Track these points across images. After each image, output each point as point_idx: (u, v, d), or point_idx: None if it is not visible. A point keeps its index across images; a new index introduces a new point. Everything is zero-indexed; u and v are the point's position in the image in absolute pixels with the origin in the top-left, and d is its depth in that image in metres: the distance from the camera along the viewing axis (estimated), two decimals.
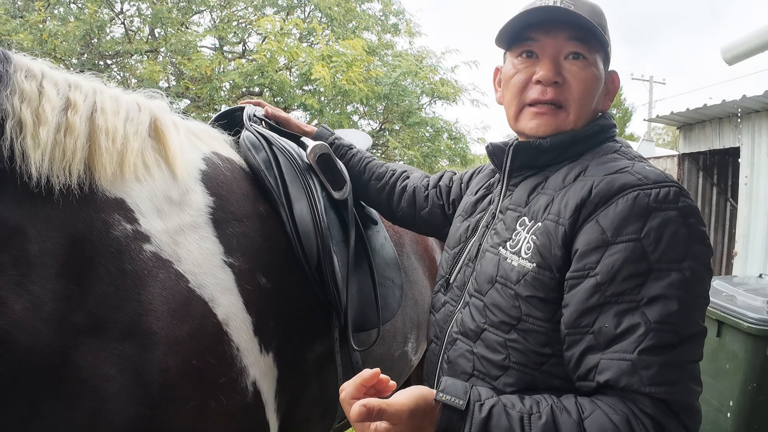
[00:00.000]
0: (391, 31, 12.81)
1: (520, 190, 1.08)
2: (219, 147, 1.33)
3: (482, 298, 1.04)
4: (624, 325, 0.85)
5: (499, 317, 0.99)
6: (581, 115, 1.04)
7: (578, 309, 0.88)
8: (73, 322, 0.90)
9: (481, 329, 1.02)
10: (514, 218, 1.05)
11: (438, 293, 1.22)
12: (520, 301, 0.97)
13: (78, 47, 9.74)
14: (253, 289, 1.14)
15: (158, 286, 0.98)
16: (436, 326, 1.18)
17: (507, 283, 0.99)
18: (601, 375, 0.86)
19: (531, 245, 0.97)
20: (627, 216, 0.88)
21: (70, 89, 1.01)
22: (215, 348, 1.04)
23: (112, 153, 1.01)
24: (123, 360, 0.92)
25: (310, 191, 1.31)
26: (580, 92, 1.02)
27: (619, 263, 0.86)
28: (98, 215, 0.97)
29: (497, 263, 1.03)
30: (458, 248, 1.20)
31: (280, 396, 1.21)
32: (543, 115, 1.04)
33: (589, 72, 1.03)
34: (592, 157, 1.02)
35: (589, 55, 1.03)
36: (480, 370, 1.01)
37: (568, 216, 0.93)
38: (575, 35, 1.01)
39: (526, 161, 1.08)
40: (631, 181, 0.91)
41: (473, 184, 1.33)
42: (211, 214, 1.14)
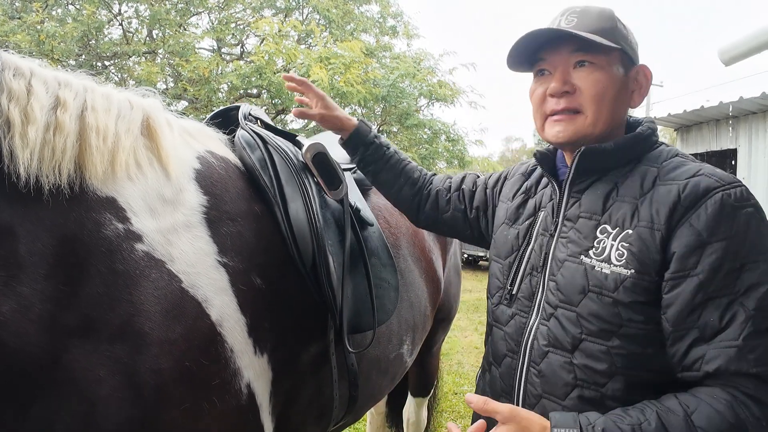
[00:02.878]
0: (389, 33, 12.82)
1: (590, 197, 1.10)
2: (214, 146, 1.32)
3: (574, 309, 1.05)
4: (727, 317, 0.92)
5: (599, 326, 1.02)
6: (600, 115, 1.08)
7: (684, 308, 0.95)
8: (63, 324, 0.88)
9: (579, 340, 1.04)
10: (592, 226, 1.07)
11: (500, 305, 1.22)
12: (620, 307, 1.00)
13: (76, 48, 9.73)
14: (248, 290, 1.13)
15: (150, 287, 0.97)
16: (507, 340, 1.17)
17: (603, 291, 1.02)
18: (709, 364, 0.92)
19: (623, 252, 1.01)
20: (718, 217, 0.95)
21: (60, 87, 1.00)
22: (209, 349, 1.02)
23: (103, 151, 0.99)
24: (114, 362, 0.91)
25: (306, 191, 1.30)
26: (593, 94, 1.08)
27: (719, 262, 0.93)
28: (89, 215, 0.95)
29: (584, 273, 1.05)
30: (512, 257, 1.22)
31: (275, 398, 1.19)
32: (561, 122, 1.10)
33: (598, 74, 1.08)
34: (657, 161, 1.07)
35: (595, 59, 1.08)
36: (584, 379, 1.03)
37: (663, 221, 0.98)
38: (578, 46, 1.08)
39: (591, 166, 1.11)
40: (712, 184, 0.98)
41: (506, 190, 1.35)
42: (205, 213, 1.12)
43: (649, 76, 1.14)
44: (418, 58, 11.54)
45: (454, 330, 6.70)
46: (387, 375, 1.68)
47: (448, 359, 5.27)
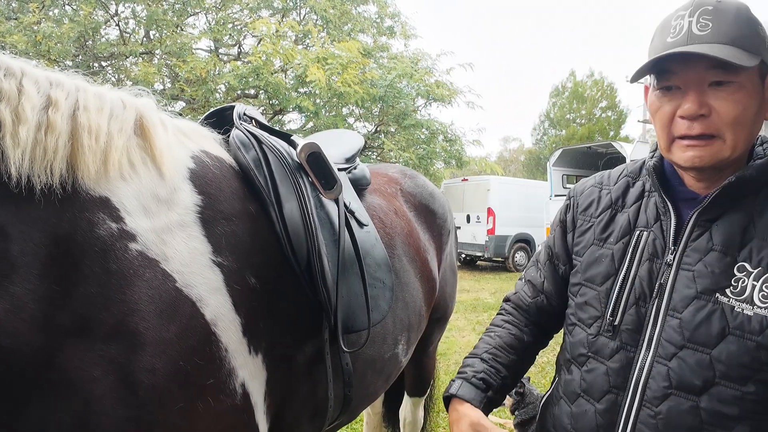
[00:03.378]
0: (387, 33, 12.85)
1: (723, 229, 1.02)
2: (208, 145, 1.32)
3: (708, 351, 0.99)
4: None
5: (737, 370, 0.96)
6: (739, 139, 0.99)
7: None
8: (57, 323, 0.88)
9: (711, 383, 0.98)
10: (728, 263, 1.00)
11: (599, 336, 1.12)
12: (763, 351, 0.94)
13: (72, 49, 9.72)
14: (242, 289, 1.12)
15: (145, 286, 0.97)
16: (611, 375, 1.09)
17: (745, 334, 0.96)
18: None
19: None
20: None
21: (52, 87, 0.99)
22: (203, 349, 1.02)
23: (96, 151, 0.99)
24: (109, 361, 0.91)
25: (300, 190, 1.30)
26: (733, 118, 0.97)
27: None
28: (82, 214, 0.95)
29: (722, 313, 0.99)
30: (609, 282, 1.13)
31: (270, 398, 1.19)
32: (696, 147, 1.00)
33: (739, 95, 0.97)
34: None
35: (736, 78, 0.96)
36: (711, 423, 0.97)
37: None
38: (716, 63, 0.95)
39: (731, 194, 1.02)
40: None
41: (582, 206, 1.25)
42: (199, 212, 1.12)
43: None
44: (416, 58, 11.56)
45: (451, 330, 6.70)
46: (382, 375, 1.68)
47: (445, 359, 5.27)
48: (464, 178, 14.71)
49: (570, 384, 1.18)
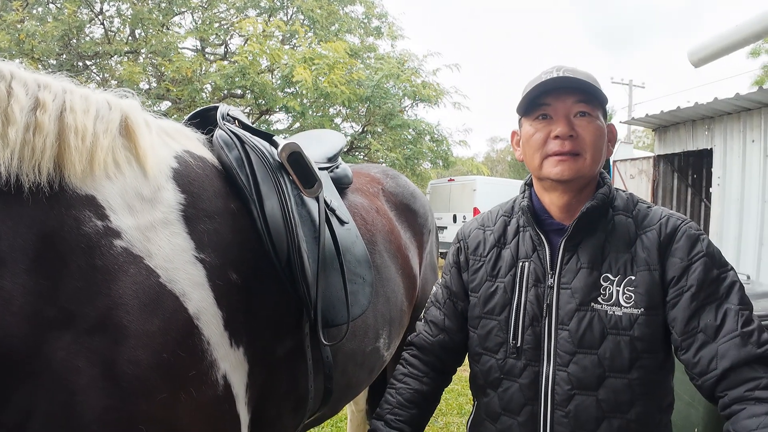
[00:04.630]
0: (374, 34, 12.87)
1: (587, 249, 1.24)
2: (191, 145, 1.35)
3: (595, 352, 1.19)
4: (720, 315, 1.11)
5: (620, 362, 1.17)
6: (595, 159, 1.23)
7: (685, 317, 1.14)
8: (43, 316, 0.91)
9: (603, 377, 1.18)
10: (595, 277, 1.22)
11: (507, 359, 1.28)
12: (636, 342, 1.17)
13: (56, 48, 9.64)
14: (224, 285, 1.16)
15: (129, 281, 1.00)
16: (524, 390, 1.25)
17: (620, 331, 1.18)
18: (724, 360, 1.07)
19: (631, 295, 1.18)
20: (690, 243, 1.18)
21: (40, 89, 1.02)
22: (186, 342, 1.06)
23: (82, 151, 1.02)
24: (93, 353, 0.94)
25: (281, 189, 1.34)
26: (591, 141, 1.22)
27: (702, 274, 1.15)
28: (69, 212, 0.99)
29: (599, 318, 1.20)
30: (506, 311, 1.30)
31: (251, 389, 1.23)
32: (565, 162, 1.22)
33: (595, 125, 1.23)
34: (627, 210, 1.28)
35: (593, 112, 1.23)
36: (610, 410, 1.18)
37: (656, 262, 1.19)
38: (580, 98, 1.22)
39: (588, 221, 1.25)
40: (677, 222, 1.22)
41: (472, 248, 1.41)
42: (182, 210, 1.16)
43: (615, 133, 1.33)
44: (403, 59, 11.60)
45: None
46: (364, 368, 1.73)
47: None
48: (451, 179, 14.79)
49: (489, 405, 1.33)
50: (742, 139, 5.46)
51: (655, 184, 6.99)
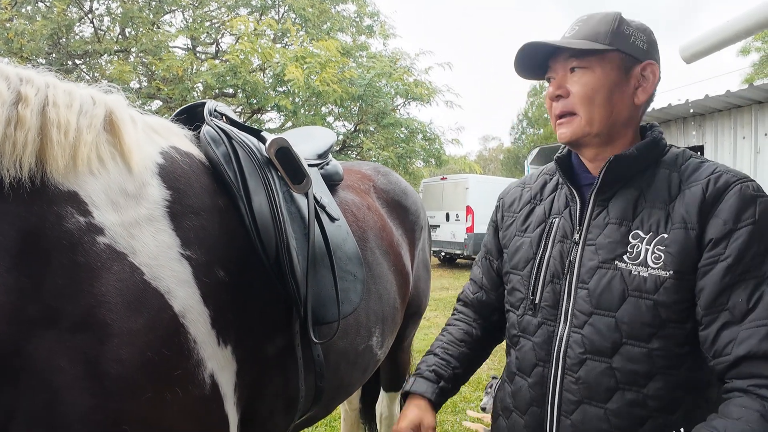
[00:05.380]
0: (366, 32, 12.86)
1: (617, 204, 1.14)
2: (178, 141, 1.33)
3: (612, 314, 1.09)
4: (755, 297, 0.97)
5: (640, 329, 1.06)
6: (594, 115, 1.13)
7: (714, 290, 1.00)
8: (25, 314, 0.89)
9: (619, 344, 1.08)
10: (623, 233, 1.11)
11: (525, 316, 1.24)
12: (660, 308, 1.05)
13: (46, 46, 9.56)
14: (211, 282, 1.14)
15: (112, 279, 0.98)
16: (537, 350, 1.20)
17: (642, 294, 1.06)
18: (741, 346, 0.96)
19: (660, 255, 1.05)
20: (740, 205, 1.02)
21: (22, 83, 1.01)
22: (171, 340, 1.04)
23: (64, 146, 1.00)
24: (76, 352, 0.92)
25: (269, 185, 1.32)
26: (581, 97, 1.13)
27: (744, 245, 0.99)
28: (51, 208, 0.97)
29: (621, 278, 1.09)
30: (529, 266, 1.25)
31: (240, 389, 1.21)
32: (563, 125, 1.17)
33: (586, 78, 1.13)
34: (675, 165, 1.13)
35: (585, 63, 1.14)
36: (625, 382, 1.07)
37: (695, 220, 1.04)
38: (572, 53, 1.15)
39: (616, 174, 1.15)
40: (731, 179, 1.05)
41: (507, 205, 1.40)
42: (168, 207, 1.14)
43: (656, 73, 1.16)
44: (395, 57, 11.59)
45: (431, 327, 6.76)
46: (357, 367, 1.71)
47: None
48: (443, 177, 14.80)
49: (509, 365, 1.29)
50: (732, 135, 5.48)
51: None
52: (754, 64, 17.28)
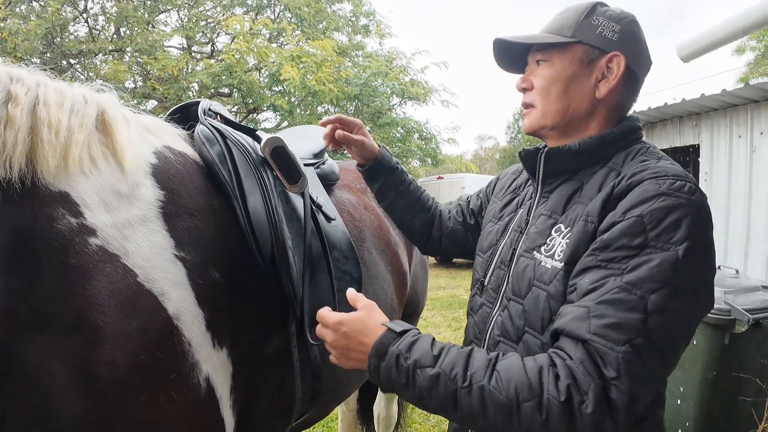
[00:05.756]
0: (362, 32, 12.84)
1: (555, 196, 1.14)
2: (172, 141, 1.31)
3: (522, 302, 1.09)
4: (599, 282, 0.91)
5: (536, 320, 1.05)
6: (548, 108, 1.14)
7: (576, 270, 0.97)
8: (15, 317, 0.88)
9: (522, 332, 1.08)
10: (549, 225, 1.10)
11: (474, 296, 1.29)
12: (551, 300, 1.02)
13: (40, 46, 9.51)
14: (206, 284, 1.13)
15: (105, 281, 0.96)
16: (475, 327, 1.25)
17: (541, 285, 1.06)
18: (558, 320, 0.94)
19: (564, 247, 1.03)
20: (637, 200, 0.94)
21: (12, 82, 0.99)
22: (165, 343, 1.02)
23: (55, 146, 0.98)
24: (68, 355, 0.90)
25: (264, 185, 1.30)
26: (538, 89, 1.15)
27: (616, 234, 0.93)
28: (41, 209, 0.95)
29: (533, 267, 1.09)
30: (490, 251, 1.28)
31: (236, 392, 1.20)
32: (525, 115, 1.20)
33: (546, 71, 1.14)
34: (623, 161, 1.07)
35: (546, 56, 1.15)
36: None
37: (596, 214, 1.00)
38: (537, 47, 1.17)
39: (558, 167, 1.15)
40: (646, 176, 0.97)
41: (497, 189, 1.43)
42: (161, 207, 1.12)
43: (622, 64, 1.09)
44: (391, 57, 11.58)
45: (428, 327, 6.75)
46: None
47: None
48: (439, 176, 14.79)
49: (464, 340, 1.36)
50: (728, 134, 5.49)
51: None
52: (749, 63, 17.33)
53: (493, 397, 0.87)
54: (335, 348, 1.10)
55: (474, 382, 0.89)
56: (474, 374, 0.90)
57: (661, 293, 0.86)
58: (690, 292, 0.89)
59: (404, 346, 0.98)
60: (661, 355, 0.87)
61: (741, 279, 3.28)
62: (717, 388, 2.84)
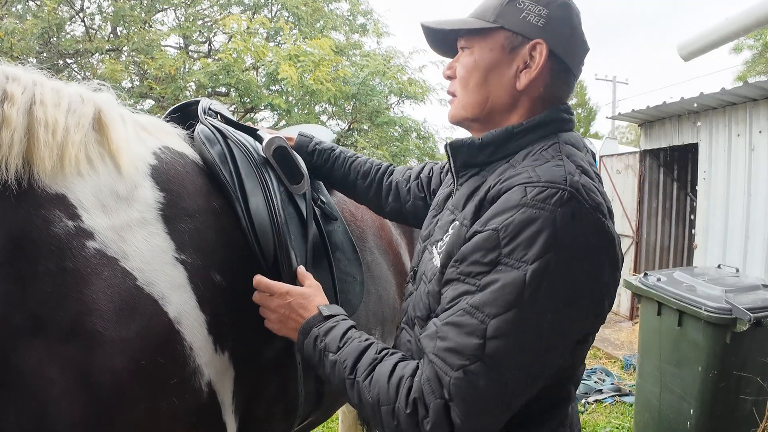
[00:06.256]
0: (359, 30, 12.80)
1: (461, 191, 1.08)
2: (171, 141, 1.29)
3: (418, 293, 1.11)
4: (455, 300, 0.89)
5: (419, 312, 1.06)
6: (467, 98, 1.08)
7: (444, 278, 0.96)
8: (11, 323, 0.86)
9: (414, 320, 1.10)
10: (449, 220, 1.06)
11: (408, 283, 1.27)
12: (430, 298, 1.01)
13: (36, 46, 9.46)
14: (207, 287, 1.11)
15: (103, 285, 0.94)
16: (402, 313, 1.24)
17: (425, 280, 1.06)
18: (421, 332, 0.97)
19: (443, 248, 1.01)
20: (499, 209, 0.88)
21: (8, 81, 0.97)
22: (166, 347, 1.00)
23: (52, 146, 0.96)
24: (66, 361, 0.88)
25: (266, 185, 1.28)
26: (459, 79, 1.08)
27: (472, 246, 0.89)
28: (38, 212, 0.93)
29: (427, 261, 1.09)
30: (421, 240, 1.25)
31: (238, 396, 1.18)
32: (450, 105, 1.14)
33: (466, 59, 1.07)
34: (523, 159, 0.99)
35: (470, 44, 1.07)
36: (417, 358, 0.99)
37: (470, 217, 0.96)
38: (461, 32, 1.09)
39: (464, 160, 1.09)
40: (519, 180, 0.90)
41: (447, 178, 1.34)
42: (161, 209, 1.10)
43: (544, 53, 1.00)
44: (388, 56, 11.54)
45: None
46: None
47: None
48: None
49: None
50: (727, 133, 5.48)
51: (641, 179, 7.01)
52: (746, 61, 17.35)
53: (364, 394, 0.94)
54: (275, 314, 1.14)
55: (356, 377, 0.95)
56: (358, 369, 0.96)
57: (502, 318, 0.82)
58: (541, 312, 0.83)
59: (323, 330, 1.05)
60: (503, 378, 0.83)
61: (741, 278, 3.28)
62: (718, 387, 2.83)
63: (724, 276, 3.27)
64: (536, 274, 0.81)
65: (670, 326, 2.99)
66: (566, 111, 1.06)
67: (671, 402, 3.06)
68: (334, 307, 1.13)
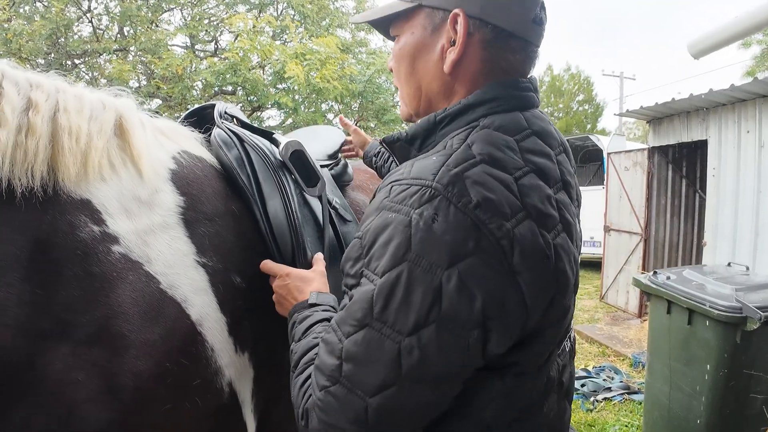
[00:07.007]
0: (365, 28, 12.78)
1: None
2: (189, 145, 1.31)
3: None
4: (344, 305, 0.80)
5: None
6: (403, 91, 0.96)
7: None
8: (38, 327, 0.87)
9: None
10: None
11: None
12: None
13: (44, 47, 9.52)
14: (227, 289, 1.13)
15: (128, 288, 0.96)
16: None
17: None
18: None
19: None
20: (366, 213, 0.81)
21: (32, 89, 0.98)
22: (189, 349, 1.02)
23: (76, 153, 0.98)
24: (92, 365, 0.90)
25: (284, 188, 1.30)
26: (395, 70, 0.97)
27: (345, 256, 0.82)
28: (63, 217, 0.94)
29: None
30: None
31: (258, 396, 1.20)
32: None
33: (395, 49, 0.95)
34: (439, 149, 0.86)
35: (399, 31, 0.95)
36: None
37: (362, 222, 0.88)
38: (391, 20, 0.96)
39: (402, 155, 0.96)
40: (394, 177, 0.80)
41: None
42: (181, 213, 1.12)
43: (464, 23, 0.84)
44: None
45: None
46: None
47: None
48: None
49: None
50: (737, 130, 5.45)
51: (650, 176, 6.98)
52: (755, 56, 17.22)
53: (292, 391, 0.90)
54: (276, 294, 1.16)
55: (295, 373, 0.91)
56: (298, 366, 0.92)
57: (353, 339, 0.74)
58: (396, 333, 0.71)
59: (299, 318, 1.03)
60: (362, 403, 0.73)
61: (751, 276, 3.27)
62: (728, 385, 2.83)
63: (734, 274, 3.26)
64: (384, 289, 0.71)
65: (680, 325, 2.99)
66: (513, 86, 0.87)
67: (681, 400, 3.06)
68: (325, 296, 1.07)
